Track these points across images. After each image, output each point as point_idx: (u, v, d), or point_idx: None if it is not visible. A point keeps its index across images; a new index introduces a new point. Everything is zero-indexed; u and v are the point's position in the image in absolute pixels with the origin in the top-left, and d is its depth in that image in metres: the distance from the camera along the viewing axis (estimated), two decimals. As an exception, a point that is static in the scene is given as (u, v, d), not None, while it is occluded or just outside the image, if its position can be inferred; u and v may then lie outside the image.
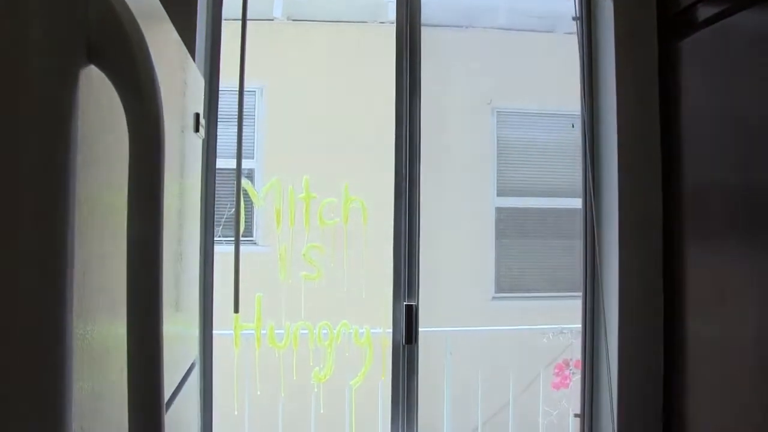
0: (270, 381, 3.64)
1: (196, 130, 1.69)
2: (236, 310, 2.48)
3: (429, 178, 4.30)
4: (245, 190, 3.27)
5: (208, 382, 2.50)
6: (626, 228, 2.41)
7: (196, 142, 1.80)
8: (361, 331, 3.50)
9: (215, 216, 2.53)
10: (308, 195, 3.43)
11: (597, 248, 2.51)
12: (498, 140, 5.01)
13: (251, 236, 4.22)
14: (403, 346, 2.57)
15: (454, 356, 3.80)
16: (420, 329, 2.55)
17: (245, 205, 3.30)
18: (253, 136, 4.65)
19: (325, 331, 3.45)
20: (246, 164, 4.20)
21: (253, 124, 4.65)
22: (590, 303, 2.57)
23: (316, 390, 3.63)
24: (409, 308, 2.57)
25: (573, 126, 2.90)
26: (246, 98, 4.12)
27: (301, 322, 3.44)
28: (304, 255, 3.44)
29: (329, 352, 3.40)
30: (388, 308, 2.57)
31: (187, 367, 1.66)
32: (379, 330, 3.51)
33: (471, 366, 3.89)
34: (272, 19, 4.65)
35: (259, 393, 3.53)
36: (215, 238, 2.55)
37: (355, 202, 3.47)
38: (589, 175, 2.56)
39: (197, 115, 1.72)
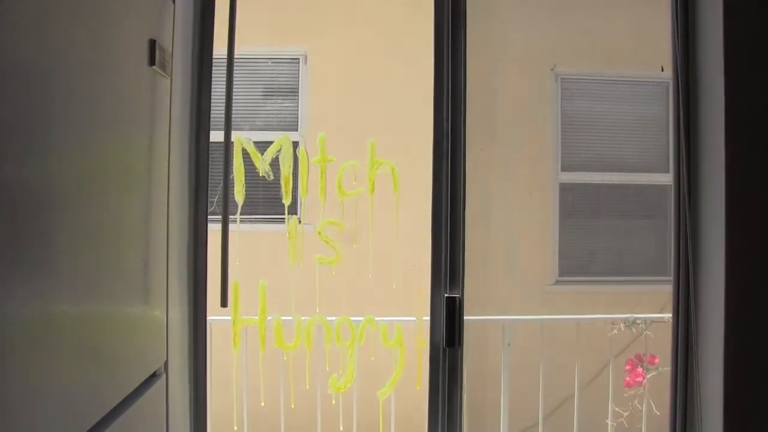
0: (276, 389, 3.44)
1: (152, 63, 1.55)
2: (224, 304, 2.24)
3: (478, 148, 4.11)
4: (247, 153, 2.82)
5: (200, 387, 2.35)
6: (736, 204, 2.22)
7: (156, 82, 1.64)
8: (390, 328, 3.21)
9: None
10: (324, 157, 3.00)
11: (698, 227, 2.34)
12: (562, 109, 4.80)
13: (296, 213, 3.93)
14: (444, 349, 2.36)
15: (512, 347, 3.66)
16: (472, 317, 2.36)
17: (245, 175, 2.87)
18: (297, 106, 4.71)
19: (345, 329, 3.14)
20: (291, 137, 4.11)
21: (296, 93, 4.71)
22: (684, 291, 2.36)
23: (333, 402, 3.30)
24: (451, 301, 2.34)
25: (662, 69, 2.57)
26: (288, 66, 4.72)
27: (316, 317, 3.13)
28: (319, 233, 3.07)
29: (350, 354, 3.09)
30: (425, 301, 2.40)
31: (148, 374, 1.57)
32: (413, 323, 3.25)
33: (530, 358, 3.75)
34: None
35: (263, 404, 3.25)
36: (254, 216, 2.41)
37: (384, 166, 3.06)
38: (683, 144, 2.39)
39: (153, 44, 1.56)
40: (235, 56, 2.28)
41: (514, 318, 3.87)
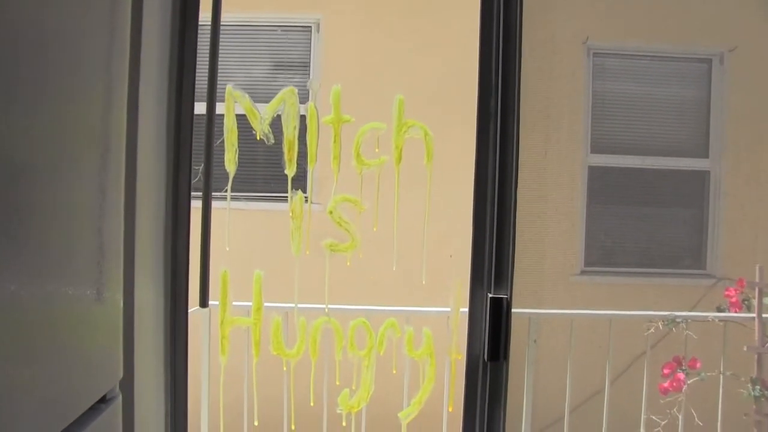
0: (274, 406, 3.28)
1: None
2: (203, 304, 2.02)
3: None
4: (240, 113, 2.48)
5: (179, 404, 2.19)
6: None
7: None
8: (417, 334, 2.98)
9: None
10: (339, 117, 2.64)
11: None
12: (594, 87, 4.81)
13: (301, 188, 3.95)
14: (485, 364, 2.17)
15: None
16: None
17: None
18: (308, 80, 4.71)
19: (361, 334, 2.92)
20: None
21: (307, 66, 4.72)
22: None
23: (344, 424, 3.04)
24: (497, 303, 2.17)
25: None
26: (300, 35, 4.71)
27: (324, 319, 2.86)
28: (330, 212, 2.79)
29: (366, 365, 2.86)
30: (462, 301, 2.40)
31: (91, 402, 1.29)
32: (444, 327, 3.06)
33: (555, 357, 3.75)
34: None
35: (257, 424, 3.07)
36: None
37: (415, 129, 2.73)
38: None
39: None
40: (238, 23, 1.98)
41: (543, 312, 3.87)
